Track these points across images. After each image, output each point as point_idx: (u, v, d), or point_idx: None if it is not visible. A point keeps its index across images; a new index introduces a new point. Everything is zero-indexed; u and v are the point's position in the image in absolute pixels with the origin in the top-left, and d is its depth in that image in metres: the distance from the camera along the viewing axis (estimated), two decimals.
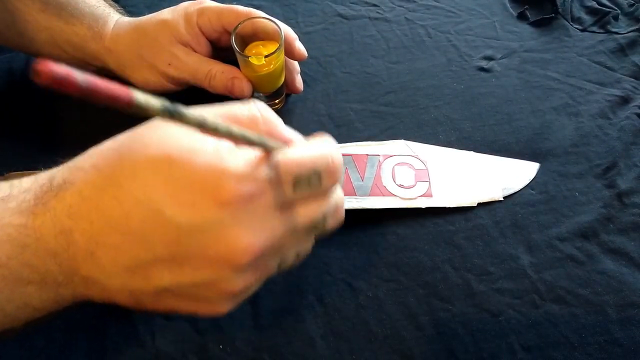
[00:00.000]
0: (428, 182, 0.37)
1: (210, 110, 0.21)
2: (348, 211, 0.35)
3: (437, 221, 0.36)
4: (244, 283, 0.21)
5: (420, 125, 0.41)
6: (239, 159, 0.20)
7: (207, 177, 0.19)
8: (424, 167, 0.38)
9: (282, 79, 0.39)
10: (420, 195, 0.36)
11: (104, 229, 0.20)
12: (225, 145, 0.20)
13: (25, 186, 0.21)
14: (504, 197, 0.37)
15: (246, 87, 0.37)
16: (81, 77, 0.12)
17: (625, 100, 0.42)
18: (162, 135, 0.20)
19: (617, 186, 0.37)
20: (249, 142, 0.19)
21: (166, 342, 0.30)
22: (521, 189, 0.37)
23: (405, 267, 0.33)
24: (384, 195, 0.36)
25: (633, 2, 0.49)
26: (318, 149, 0.22)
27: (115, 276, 0.20)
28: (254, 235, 0.20)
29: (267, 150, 0.20)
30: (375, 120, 0.41)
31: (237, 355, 0.30)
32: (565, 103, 0.42)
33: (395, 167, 0.37)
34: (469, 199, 0.36)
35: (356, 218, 0.35)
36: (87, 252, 0.20)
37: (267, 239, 0.20)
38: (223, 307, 0.23)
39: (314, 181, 0.21)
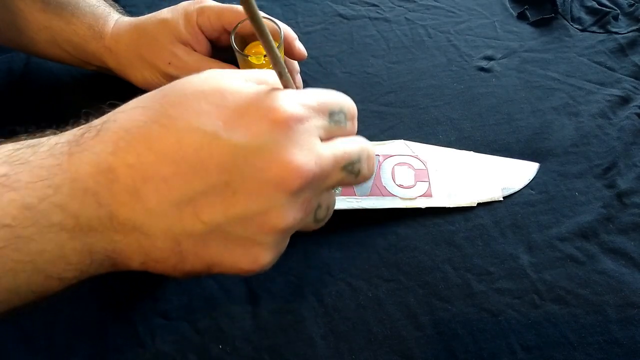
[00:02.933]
0: (428, 182, 0.37)
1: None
2: (348, 211, 0.35)
3: (437, 221, 0.36)
4: (293, 215, 0.20)
5: (420, 125, 0.41)
6: (284, 91, 0.21)
7: (260, 101, 0.20)
8: (424, 167, 0.38)
9: None
10: (420, 195, 0.36)
11: (154, 160, 0.19)
12: (261, 85, 0.21)
13: (56, 137, 0.20)
14: (503, 197, 0.37)
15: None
16: None
17: (625, 100, 0.42)
18: (205, 76, 0.21)
19: (617, 186, 0.37)
20: (280, 72, 0.21)
21: (166, 342, 0.30)
22: (521, 189, 0.37)
23: (405, 267, 0.33)
24: (383, 195, 0.36)
25: (633, 2, 0.49)
26: (336, 93, 0.23)
27: (162, 216, 0.19)
28: (305, 157, 0.20)
29: (286, 86, 0.22)
30: (375, 120, 0.41)
31: (237, 355, 0.30)
32: (566, 103, 0.42)
33: (395, 167, 0.37)
34: (469, 199, 0.36)
35: (356, 218, 0.35)
36: (132, 190, 0.19)
37: (316, 164, 0.20)
38: (266, 255, 0.21)
39: (341, 118, 0.22)
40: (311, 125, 0.20)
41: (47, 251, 0.19)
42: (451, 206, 0.36)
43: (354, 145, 0.23)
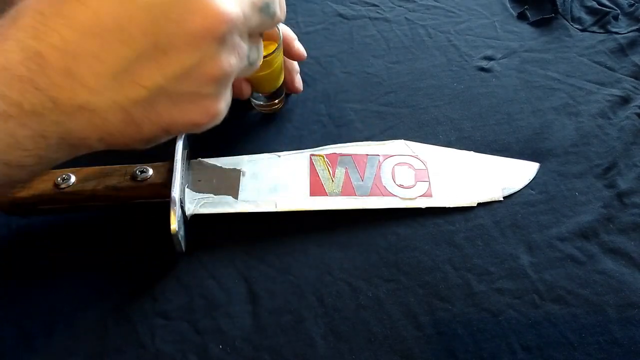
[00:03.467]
0: (428, 182, 0.37)
1: None
2: (348, 211, 0.35)
3: (437, 221, 0.36)
4: (227, 61, 0.21)
5: (420, 125, 0.41)
6: None
7: None
8: (424, 167, 0.38)
9: (282, 79, 0.39)
10: (420, 195, 0.36)
11: (77, 38, 0.18)
12: None
13: None
14: (504, 197, 0.37)
15: (245, 88, 0.37)
16: None
17: (625, 100, 0.42)
18: None
19: (617, 186, 0.37)
20: None
21: (166, 342, 0.30)
22: (521, 189, 0.37)
23: (405, 267, 0.33)
24: (384, 195, 0.36)
25: (633, 2, 0.49)
26: None
27: (103, 91, 0.19)
28: (226, 1, 0.19)
29: None
30: (375, 120, 0.41)
31: (237, 355, 0.30)
32: (566, 103, 0.42)
33: (395, 167, 0.37)
34: (469, 199, 0.36)
35: (356, 218, 0.35)
36: (65, 70, 0.19)
37: (236, 5, 0.20)
38: (215, 104, 0.22)
39: None
40: None
41: (2, 139, 0.19)
42: (451, 206, 0.36)
43: None
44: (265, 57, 0.35)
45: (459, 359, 0.30)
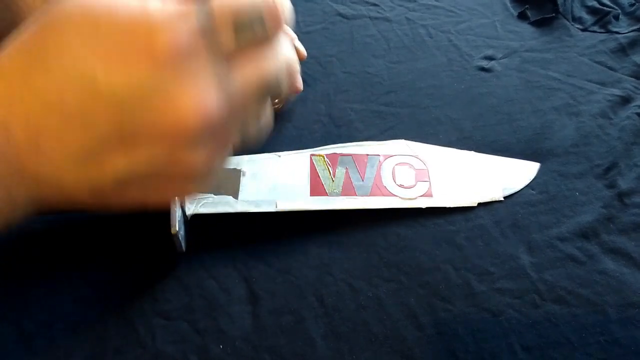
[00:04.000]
0: (428, 182, 0.37)
1: None
2: (348, 211, 0.35)
3: (438, 221, 0.36)
4: (205, 154, 0.19)
5: (420, 125, 0.41)
6: (168, 5, 0.17)
7: (136, 30, 0.16)
8: (424, 167, 0.38)
9: None
10: (421, 195, 0.36)
11: (40, 111, 0.17)
12: None
13: None
14: (504, 197, 0.37)
15: None
16: None
17: (626, 100, 0.42)
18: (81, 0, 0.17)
19: (617, 186, 0.37)
20: None
21: (166, 342, 0.30)
22: (521, 189, 0.37)
23: (405, 267, 0.33)
24: (384, 195, 0.36)
25: (634, 1, 0.49)
26: None
27: (67, 170, 0.18)
28: (201, 94, 0.17)
29: None
30: (375, 120, 0.41)
31: (237, 355, 0.30)
32: (566, 103, 0.42)
33: (396, 167, 0.37)
34: (469, 199, 0.36)
35: (356, 218, 0.35)
36: (30, 142, 0.17)
37: (217, 98, 0.17)
38: (193, 187, 0.20)
39: (256, 25, 0.18)
40: (205, 53, 0.17)
41: None
42: (451, 206, 0.36)
43: (268, 56, 0.19)
44: None
45: (460, 359, 0.30)
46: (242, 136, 0.20)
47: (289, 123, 0.41)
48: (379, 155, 0.38)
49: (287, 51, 0.20)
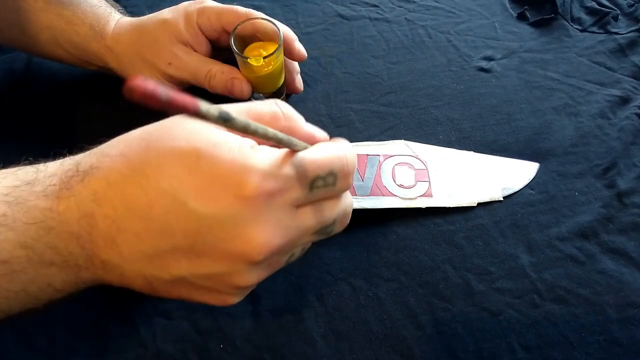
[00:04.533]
0: (428, 182, 0.37)
1: (233, 107, 0.22)
2: None
3: (437, 221, 0.36)
4: (256, 278, 0.22)
5: (420, 126, 0.41)
6: (263, 156, 0.20)
7: (232, 173, 0.20)
8: (424, 167, 0.38)
9: (282, 80, 0.39)
10: (420, 195, 0.36)
11: (127, 215, 0.20)
12: (249, 142, 0.21)
13: (50, 170, 0.22)
14: (503, 197, 0.37)
15: (246, 88, 0.37)
16: (163, 92, 0.13)
17: (625, 101, 0.42)
18: (190, 129, 0.21)
19: (616, 186, 0.37)
20: (278, 142, 0.20)
21: (167, 341, 0.30)
22: (521, 189, 0.37)
23: (405, 266, 0.34)
24: (384, 195, 0.36)
25: (633, 2, 0.49)
26: (336, 149, 0.23)
27: (134, 263, 0.21)
28: (271, 233, 0.20)
29: (292, 149, 0.21)
30: (375, 120, 0.41)
31: (237, 354, 0.30)
32: (565, 103, 0.42)
33: (396, 167, 0.37)
34: (469, 199, 0.36)
35: (356, 218, 0.35)
36: (109, 237, 0.21)
37: (283, 237, 0.21)
38: (232, 299, 0.23)
39: (329, 182, 0.22)
40: (284, 199, 0.21)
41: (38, 281, 0.21)
42: (451, 206, 0.36)
43: (332, 209, 0.23)
44: (265, 57, 0.35)
45: (459, 359, 0.30)
46: (287, 262, 0.24)
47: None
48: (378, 155, 0.38)
49: (347, 200, 0.24)
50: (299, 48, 0.38)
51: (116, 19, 0.39)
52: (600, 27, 0.48)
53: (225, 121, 0.16)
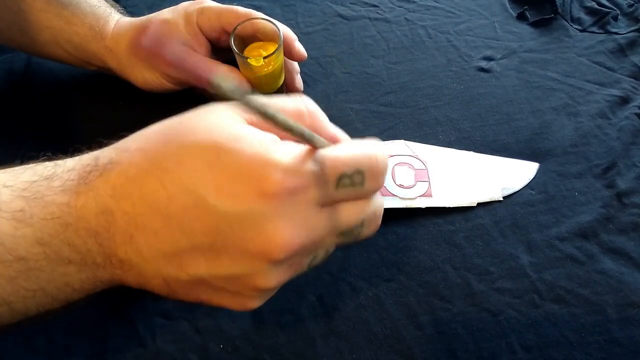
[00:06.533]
0: (428, 182, 0.37)
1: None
2: None
3: (437, 221, 0.36)
4: (278, 279, 0.21)
5: (420, 126, 0.41)
6: (285, 151, 0.20)
7: (253, 168, 0.19)
8: (424, 167, 0.38)
9: (282, 80, 0.39)
10: (420, 195, 0.36)
11: (146, 212, 0.20)
12: (270, 137, 0.20)
13: (69, 165, 0.21)
14: (503, 197, 0.37)
15: (245, 88, 0.37)
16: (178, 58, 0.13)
17: (624, 101, 0.42)
18: (210, 123, 0.20)
19: (616, 186, 0.37)
20: (301, 137, 0.19)
21: (167, 341, 0.30)
22: (521, 189, 0.37)
23: (405, 266, 0.34)
24: (384, 195, 0.36)
25: (632, 2, 0.49)
26: (364, 148, 0.22)
27: (152, 261, 0.20)
28: (294, 231, 0.20)
29: (314, 146, 0.20)
30: (375, 120, 0.41)
31: (237, 354, 0.30)
32: (565, 103, 0.42)
33: (395, 167, 0.37)
34: (469, 199, 0.36)
35: None
36: (127, 234, 0.20)
37: (306, 236, 0.20)
38: (253, 303, 0.22)
39: (357, 181, 0.21)
40: (308, 196, 0.20)
41: (56, 280, 0.20)
42: (451, 206, 0.36)
43: (360, 210, 0.22)
44: (265, 57, 0.35)
45: (459, 359, 0.30)
46: (310, 264, 0.23)
47: None
48: None
49: (377, 202, 0.23)
50: (299, 48, 0.38)
51: (116, 19, 0.39)
52: (600, 27, 0.48)
53: (240, 99, 0.16)
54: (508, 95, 0.43)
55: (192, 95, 0.40)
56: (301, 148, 0.20)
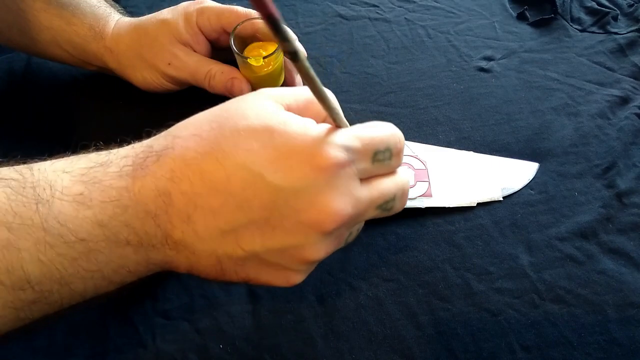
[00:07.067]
0: (428, 182, 0.37)
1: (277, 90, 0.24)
2: None
3: (437, 221, 0.36)
4: (326, 250, 0.23)
5: (419, 126, 0.41)
6: (329, 131, 0.22)
7: (305, 145, 0.21)
8: (424, 167, 0.38)
9: (282, 80, 0.39)
10: (420, 195, 0.36)
11: (204, 191, 0.21)
12: (310, 120, 0.22)
13: (122, 153, 0.22)
14: (503, 197, 0.37)
15: (245, 88, 0.37)
16: None
17: (624, 101, 0.42)
18: (257, 109, 0.22)
19: (616, 186, 0.37)
20: (333, 112, 0.22)
21: (167, 341, 0.30)
22: (520, 189, 0.37)
23: (405, 266, 0.34)
24: None
25: (632, 2, 0.49)
26: (388, 127, 0.24)
27: (208, 240, 0.21)
28: (343, 202, 0.21)
29: (340, 126, 0.23)
30: (375, 120, 0.41)
31: (237, 354, 0.30)
32: (565, 103, 0.42)
33: None
34: (469, 199, 0.36)
35: None
36: (185, 214, 0.21)
37: (353, 208, 0.22)
38: (298, 277, 0.24)
39: (387, 156, 0.23)
40: (352, 170, 0.22)
41: (113, 262, 0.21)
42: (451, 206, 0.36)
43: (392, 185, 0.24)
44: (265, 57, 0.35)
45: (459, 359, 0.30)
46: (347, 240, 0.25)
47: None
48: None
49: (405, 175, 0.25)
50: (299, 48, 0.38)
51: (116, 19, 0.39)
52: (600, 27, 0.48)
53: (292, 54, 0.18)
54: (508, 95, 0.43)
55: (192, 95, 0.40)
56: (341, 128, 0.22)
